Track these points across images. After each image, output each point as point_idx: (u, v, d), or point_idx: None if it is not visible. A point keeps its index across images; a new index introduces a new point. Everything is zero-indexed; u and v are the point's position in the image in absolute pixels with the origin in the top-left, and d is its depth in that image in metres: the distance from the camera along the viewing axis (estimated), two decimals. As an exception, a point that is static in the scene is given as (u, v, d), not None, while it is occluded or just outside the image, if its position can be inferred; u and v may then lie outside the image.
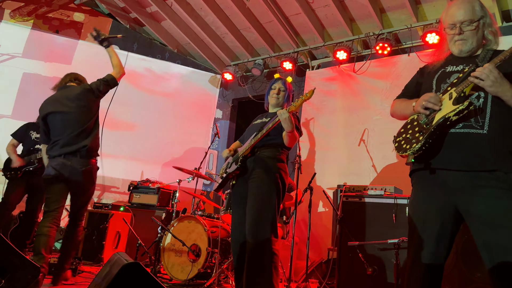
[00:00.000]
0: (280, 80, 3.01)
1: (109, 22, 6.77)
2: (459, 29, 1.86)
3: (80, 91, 3.38)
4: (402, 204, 3.39)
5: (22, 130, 4.40)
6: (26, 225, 4.43)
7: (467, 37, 1.86)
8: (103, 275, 1.67)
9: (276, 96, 2.95)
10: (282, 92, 2.96)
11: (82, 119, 3.29)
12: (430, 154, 1.77)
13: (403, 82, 2.17)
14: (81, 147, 3.23)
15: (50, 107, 3.35)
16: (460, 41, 1.87)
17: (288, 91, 2.98)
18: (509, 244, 1.57)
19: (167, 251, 4.07)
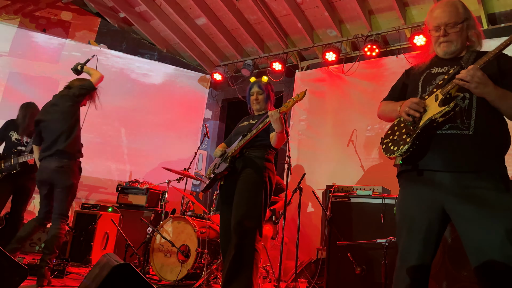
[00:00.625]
0: (255, 84, 3.05)
1: (97, 22, 6.72)
2: (443, 31, 1.88)
3: (57, 99, 3.68)
4: (390, 204, 3.43)
5: (2, 130, 4.31)
6: (12, 226, 4.36)
7: (451, 39, 1.89)
8: (92, 276, 1.66)
9: (256, 101, 3.01)
10: (260, 95, 3.01)
11: (59, 125, 3.54)
12: (417, 155, 1.79)
13: (391, 83, 2.19)
14: (56, 150, 3.47)
15: (40, 115, 3.66)
16: (445, 43, 1.90)
17: (266, 91, 3.02)
18: (495, 244, 1.60)
19: (156, 252, 4.05)
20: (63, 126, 3.52)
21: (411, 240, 1.81)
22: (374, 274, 3.26)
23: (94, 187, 6.08)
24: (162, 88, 6.81)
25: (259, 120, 2.77)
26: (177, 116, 6.82)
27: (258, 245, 2.62)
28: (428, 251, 1.80)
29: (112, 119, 6.24)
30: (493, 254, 1.60)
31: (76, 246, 4.71)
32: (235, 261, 2.55)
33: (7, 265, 2.12)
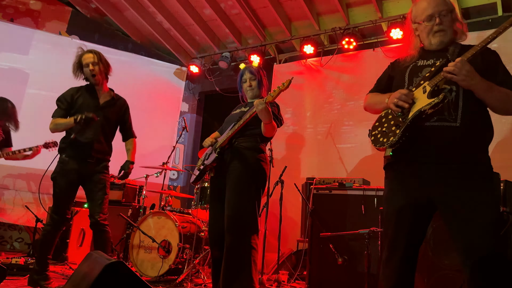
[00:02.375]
0: (246, 70, 2.92)
1: (68, 11, 6.47)
2: (438, 19, 1.88)
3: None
4: (370, 195, 3.48)
5: None
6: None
7: (446, 27, 1.89)
8: (80, 275, 1.60)
9: (250, 88, 2.89)
10: (253, 81, 2.88)
11: None
12: (405, 147, 1.81)
13: (369, 76, 2.21)
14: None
15: None
16: (441, 32, 1.89)
17: (258, 76, 2.90)
18: (480, 234, 1.64)
19: (136, 248, 3.98)
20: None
21: (399, 231, 1.84)
22: (356, 264, 3.31)
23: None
24: (137, 80, 6.64)
25: (250, 108, 2.70)
26: (153, 109, 6.68)
27: (254, 242, 2.59)
28: (415, 242, 1.85)
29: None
30: (479, 244, 1.64)
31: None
32: (232, 262, 2.50)
33: (-17, 266, 2.03)
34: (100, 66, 3.27)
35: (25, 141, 4.19)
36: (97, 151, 3.25)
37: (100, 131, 3.26)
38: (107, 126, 3.33)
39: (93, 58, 3.25)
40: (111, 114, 3.36)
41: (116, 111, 3.41)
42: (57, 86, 5.37)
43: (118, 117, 3.44)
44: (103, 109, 3.30)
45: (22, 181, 5.72)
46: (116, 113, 3.41)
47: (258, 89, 2.91)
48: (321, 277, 3.49)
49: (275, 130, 2.72)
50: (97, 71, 3.24)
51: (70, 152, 3.20)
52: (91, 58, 3.25)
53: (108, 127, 3.36)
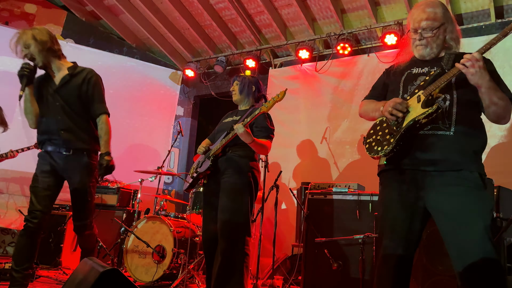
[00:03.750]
0: (237, 78, 3.05)
1: (63, 15, 6.45)
2: (419, 34, 1.94)
3: None
4: (365, 200, 3.50)
5: None
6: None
7: (427, 43, 1.94)
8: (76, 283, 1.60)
9: (233, 92, 3.00)
10: (236, 86, 2.99)
11: None
12: (400, 155, 1.83)
13: (363, 81, 2.24)
14: None
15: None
16: (420, 46, 1.95)
17: (242, 83, 2.98)
18: (474, 240, 1.66)
19: (130, 253, 3.96)
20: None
21: (394, 238, 1.86)
22: (351, 270, 3.32)
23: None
24: (132, 84, 6.63)
25: (242, 117, 2.73)
26: (148, 113, 6.67)
27: (247, 248, 2.61)
28: (410, 247, 1.86)
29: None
30: (473, 250, 1.66)
31: (45, 248, 4.52)
32: (225, 267, 2.53)
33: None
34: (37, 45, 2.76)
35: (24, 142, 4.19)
36: (64, 141, 2.77)
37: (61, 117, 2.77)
38: (66, 109, 2.79)
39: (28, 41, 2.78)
40: (70, 91, 2.80)
41: (76, 87, 2.83)
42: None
43: (80, 94, 2.83)
44: (60, 90, 2.80)
45: (15, 185, 5.68)
46: (75, 89, 2.82)
47: (242, 95, 2.97)
48: (316, 282, 3.49)
49: (265, 147, 2.73)
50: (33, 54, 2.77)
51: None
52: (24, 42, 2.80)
53: (68, 110, 2.79)
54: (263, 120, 2.81)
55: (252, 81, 2.99)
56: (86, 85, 2.86)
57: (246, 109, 2.93)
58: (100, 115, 2.92)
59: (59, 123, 2.76)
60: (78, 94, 2.83)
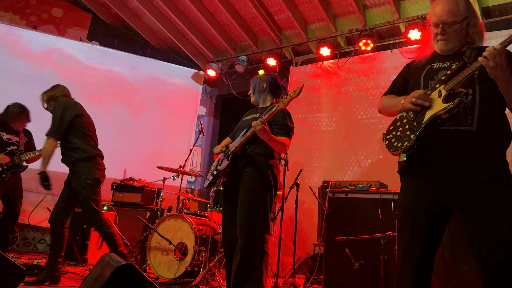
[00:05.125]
0: (253, 79, 3.05)
1: (88, 18, 6.62)
2: (441, 29, 1.88)
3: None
4: (387, 199, 3.44)
5: None
6: (7, 227, 4.30)
7: (449, 37, 1.88)
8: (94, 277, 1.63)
9: (252, 95, 3.01)
10: (252, 89, 3.00)
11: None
12: (420, 151, 1.78)
13: (387, 78, 2.19)
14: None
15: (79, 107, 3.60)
16: (442, 41, 1.89)
17: (254, 82, 2.99)
18: (499, 238, 1.61)
19: (153, 250, 4.03)
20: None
21: (414, 236, 1.81)
22: (372, 269, 3.27)
23: (88, 186, 6.01)
24: (155, 84, 6.74)
25: (261, 114, 2.71)
26: (171, 113, 6.77)
27: (266, 246, 2.60)
28: (431, 246, 1.81)
29: (105, 117, 6.17)
30: (497, 248, 1.60)
31: (71, 245, 4.65)
32: (243, 265, 2.52)
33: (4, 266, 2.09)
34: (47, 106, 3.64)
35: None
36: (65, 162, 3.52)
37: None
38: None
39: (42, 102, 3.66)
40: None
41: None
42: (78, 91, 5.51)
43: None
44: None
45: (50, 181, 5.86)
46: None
47: (254, 95, 2.99)
48: (337, 282, 3.46)
49: (283, 145, 2.71)
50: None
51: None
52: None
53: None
54: (282, 118, 2.79)
55: (262, 79, 2.97)
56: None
57: (266, 107, 2.91)
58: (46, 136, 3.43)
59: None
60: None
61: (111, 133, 6.21)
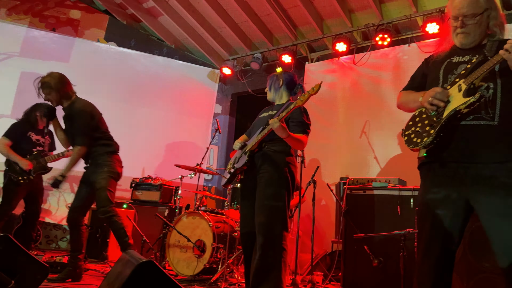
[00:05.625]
0: (270, 76, 3.05)
1: (105, 19, 6.71)
2: (461, 22, 1.84)
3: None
4: (407, 195, 3.40)
5: (17, 131, 4.27)
6: (30, 224, 4.40)
7: (469, 30, 1.84)
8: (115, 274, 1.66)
9: (269, 92, 3.01)
10: (269, 86, 3.01)
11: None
12: (440, 146, 1.76)
13: (404, 73, 2.17)
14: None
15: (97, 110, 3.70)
16: (462, 34, 1.85)
17: (271, 79, 2.99)
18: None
19: (172, 247, 4.07)
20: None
21: (435, 232, 1.79)
22: (392, 266, 3.24)
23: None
24: (172, 84, 6.80)
25: (278, 111, 2.71)
26: (187, 111, 6.82)
27: (285, 243, 2.60)
28: (452, 242, 1.78)
29: (123, 116, 6.26)
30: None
31: (92, 243, 4.75)
32: (263, 262, 2.53)
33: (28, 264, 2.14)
34: (53, 94, 3.53)
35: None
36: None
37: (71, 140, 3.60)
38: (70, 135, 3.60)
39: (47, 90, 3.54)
40: (67, 124, 3.62)
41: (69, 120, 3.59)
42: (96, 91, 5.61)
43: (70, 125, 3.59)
44: (65, 121, 3.62)
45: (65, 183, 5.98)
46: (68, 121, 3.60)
47: (270, 92, 3.00)
48: (356, 279, 3.44)
49: (301, 142, 2.70)
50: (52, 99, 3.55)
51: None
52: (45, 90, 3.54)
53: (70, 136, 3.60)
54: (299, 115, 2.78)
55: (279, 76, 2.97)
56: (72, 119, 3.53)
57: (282, 104, 2.91)
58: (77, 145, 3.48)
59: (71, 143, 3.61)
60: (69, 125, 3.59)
61: (130, 133, 6.30)
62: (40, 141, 4.32)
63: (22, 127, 4.27)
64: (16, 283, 2.00)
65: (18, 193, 4.14)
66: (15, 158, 4.10)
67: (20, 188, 4.12)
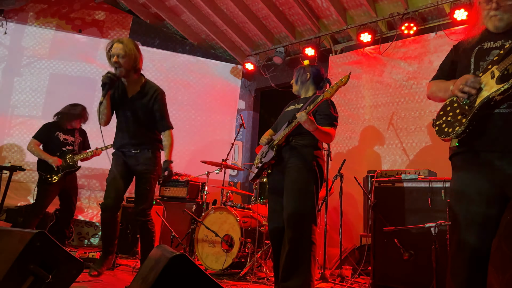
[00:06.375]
0: (297, 68, 3.01)
1: (129, 19, 6.82)
2: (496, 3, 1.77)
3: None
4: (438, 187, 3.32)
5: (45, 132, 4.40)
6: (64, 223, 4.54)
7: (504, 12, 1.77)
8: (148, 268, 1.70)
9: (292, 85, 3.00)
10: (295, 79, 2.97)
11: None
12: (473, 136, 1.71)
13: (432, 61, 2.12)
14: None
15: None
16: (496, 17, 1.78)
17: (298, 71, 2.96)
18: None
19: (201, 242, 4.12)
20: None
21: (469, 224, 1.75)
22: (423, 260, 3.17)
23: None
24: (195, 81, 6.87)
25: (304, 105, 2.69)
26: (212, 108, 6.87)
27: (314, 237, 2.60)
28: (487, 234, 1.74)
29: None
30: None
31: (123, 239, 4.86)
32: (292, 256, 2.53)
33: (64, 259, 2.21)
34: (126, 59, 3.08)
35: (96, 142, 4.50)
36: (132, 144, 3.23)
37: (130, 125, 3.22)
38: (134, 119, 3.22)
39: (121, 50, 3.07)
40: (139, 107, 3.22)
41: (144, 103, 3.22)
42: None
43: (147, 109, 3.23)
44: (131, 103, 3.21)
45: (96, 181, 6.16)
46: (144, 105, 3.22)
47: (296, 85, 2.97)
48: (386, 273, 3.39)
49: (329, 135, 2.68)
50: (121, 63, 3.08)
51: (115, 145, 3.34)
52: (118, 50, 3.07)
53: (136, 120, 3.22)
54: (326, 108, 2.75)
55: (306, 69, 2.94)
56: (152, 104, 3.24)
57: (308, 97, 2.89)
58: (167, 129, 3.29)
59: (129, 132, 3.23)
60: (145, 110, 3.23)
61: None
62: (68, 140, 4.43)
63: (50, 128, 4.41)
64: (53, 277, 2.06)
65: (50, 192, 4.27)
66: (45, 157, 4.24)
67: (51, 187, 4.25)
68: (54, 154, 4.32)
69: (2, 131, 6.01)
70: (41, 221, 4.47)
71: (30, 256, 1.96)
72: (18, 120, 6.08)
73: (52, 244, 2.15)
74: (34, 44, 6.30)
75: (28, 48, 6.28)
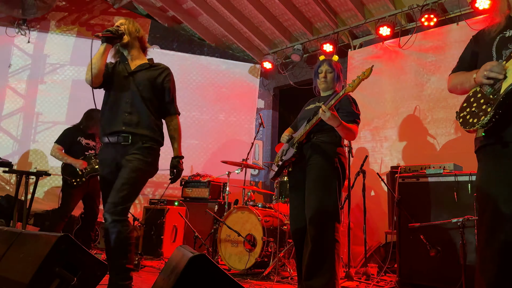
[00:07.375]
0: (325, 62, 2.88)
1: (148, 23, 6.91)
2: None
3: None
4: (464, 181, 3.22)
5: (68, 137, 4.46)
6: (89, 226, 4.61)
7: None
8: (170, 268, 1.71)
9: (324, 80, 2.85)
10: (329, 74, 2.85)
11: None
12: (500, 126, 1.64)
13: (454, 53, 2.05)
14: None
15: None
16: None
17: (336, 70, 2.86)
18: None
19: (223, 242, 4.13)
20: None
21: (497, 218, 1.68)
22: (451, 256, 3.09)
23: (159, 183, 6.31)
24: (214, 82, 6.90)
25: (325, 102, 2.65)
26: (231, 108, 6.89)
27: (337, 235, 2.56)
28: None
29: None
30: None
31: (147, 240, 4.93)
32: (315, 254, 2.50)
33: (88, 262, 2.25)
34: (127, 25, 2.77)
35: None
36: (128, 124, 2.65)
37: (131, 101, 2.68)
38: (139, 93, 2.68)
39: (122, 20, 2.82)
40: (144, 79, 2.72)
41: (150, 76, 2.73)
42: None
43: (154, 84, 2.73)
44: (134, 75, 2.73)
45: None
46: (149, 77, 2.72)
47: (332, 83, 2.87)
48: (413, 270, 3.32)
49: (352, 132, 2.62)
50: (124, 29, 2.73)
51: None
52: (120, 21, 2.83)
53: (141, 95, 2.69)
54: (348, 105, 2.71)
55: (341, 68, 2.92)
56: (162, 80, 2.77)
57: (329, 95, 2.84)
58: (174, 115, 2.86)
59: (126, 107, 2.67)
60: (152, 84, 2.72)
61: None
62: (90, 144, 4.50)
63: (72, 133, 4.48)
64: (78, 280, 2.10)
65: (75, 195, 4.34)
66: (70, 161, 4.30)
67: (75, 191, 4.32)
68: (77, 158, 4.39)
69: (27, 138, 6.18)
70: (67, 225, 4.56)
71: (56, 259, 2.00)
72: (43, 127, 6.24)
73: (77, 246, 2.19)
74: (56, 51, 6.45)
75: (50, 55, 6.43)
